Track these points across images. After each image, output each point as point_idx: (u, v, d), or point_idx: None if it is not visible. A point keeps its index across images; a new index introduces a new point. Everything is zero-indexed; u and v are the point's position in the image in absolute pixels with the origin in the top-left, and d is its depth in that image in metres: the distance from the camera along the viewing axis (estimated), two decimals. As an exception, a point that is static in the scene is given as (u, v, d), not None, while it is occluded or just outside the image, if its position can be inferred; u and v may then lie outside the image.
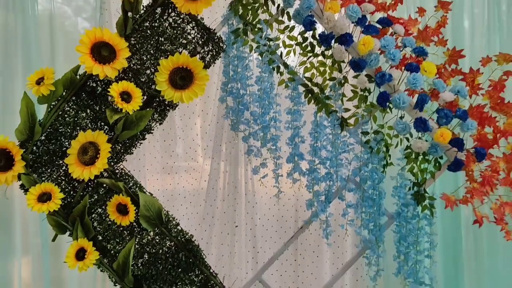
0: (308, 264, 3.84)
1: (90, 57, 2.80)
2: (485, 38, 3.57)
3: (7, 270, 3.76)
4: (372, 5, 2.83)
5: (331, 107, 2.94)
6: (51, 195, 2.83)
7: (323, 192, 3.02)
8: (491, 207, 2.77)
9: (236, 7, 2.98)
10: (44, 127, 2.91)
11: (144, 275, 3.02)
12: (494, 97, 2.82)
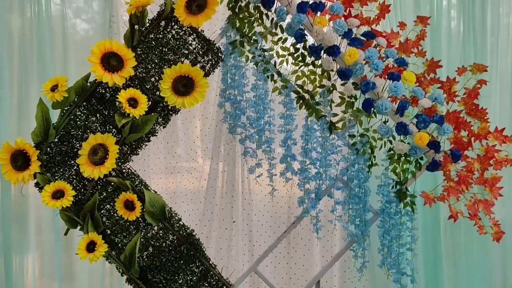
0: (299, 257, 3.84)
1: (100, 67, 2.87)
2: (460, 50, 3.58)
3: (22, 264, 3.75)
4: (357, 20, 2.90)
5: (321, 112, 3.00)
6: (64, 192, 2.90)
7: (314, 190, 3.08)
8: (466, 204, 2.85)
9: (234, 20, 3.04)
10: (58, 130, 2.97)
11: (148, 266, 3.07)
12: (469, 103, 2.89)
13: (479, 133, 2.89)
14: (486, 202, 2.87)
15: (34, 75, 3.49)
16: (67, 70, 3.39)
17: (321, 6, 2.86)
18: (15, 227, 3.66)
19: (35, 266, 3.74)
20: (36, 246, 3.71)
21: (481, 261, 3.66)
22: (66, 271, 3.78)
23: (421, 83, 2.94)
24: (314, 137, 3.06)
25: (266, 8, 2.95)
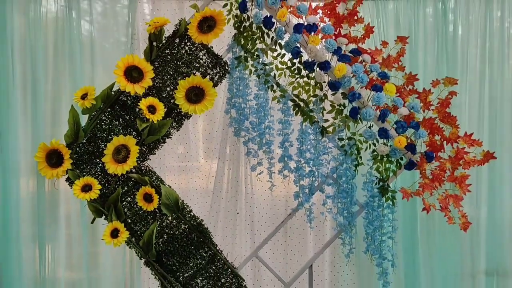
0: (295, 244, 3.86)
1: (124, 78, 2.99)
2: (435, 65, 3.60)
3: (54, 252, 3.71)
4: (345, 39, 3.00)
5: (314, 118, 3.09)
6: (92, 186, 3.02)
7: (307, 186, 3.16)
8: (438, 198, 2.94)
9: (239, 38, 3.13)
10: (86, 132, 3.08)
11: (163, 251, 3.16)
12: (442, 111, 2.99)
13: (450, 137, 2.98)
14: (456, 197, 2.95)
15: (66, 85, 3.54)
16: (94, 80, 3.48)
17: (314, 27, 2.95)
18: (48, 219, 3.67)
19: (65, 253, 3.74)
20: (66, 236, 3.73)
21: (453, 248, 3.67)
22: (91, 260, 3.78)
23: (401, 93, 3.02)
24: (308, 140, 3.14)
25: (267, 28, 3.03)
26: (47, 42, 3.48)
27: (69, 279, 3.69)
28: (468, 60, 3.58)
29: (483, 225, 3.62)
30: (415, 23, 3.56)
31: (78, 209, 3.66)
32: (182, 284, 3.23)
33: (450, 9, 3.53)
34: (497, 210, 3.62)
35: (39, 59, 3.47)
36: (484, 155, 3.01)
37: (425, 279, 3.64)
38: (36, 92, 3.50)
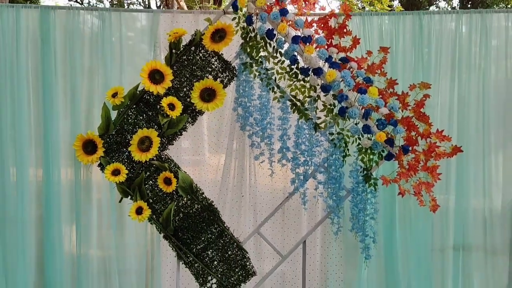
0: (291, 223, 3.87)
1: (148, 80, 3.12)
2: (412, 72, 3.61)
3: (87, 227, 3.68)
4: (335, 49, 3.07)
5: (308, 115, 3.17)
6: (120, 171, 3.14)
7: (302, 173, 3.22)
8: (412, 185, 3.02)
9: (245, 47, 3.20)
10: (115, 125, 3.19)
11: (179, 226, 3.26)
12: (417, 111, 3.05)
13: (424, 133, 3.05)
14: (428, 184, 3.04)
15: (99, 86, 3.59)
16: (122, 81, 3.56)
17: (309, 39, 3.04)
18: (82, 204, 3.68)
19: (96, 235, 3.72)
20: (97, 219, 3.73)
21: (425, 227, 3.67)
22: (118, 240, 3.73)
23: (382, 95, 3.07)
24: (303, 134, 3.20)
25: (269, 39, 3.12)
26: (83, 50, 3.54)
27: (100, 256, 3.69)
28: (440, 68, 3.59)
29: (451, 208, 3.65)
30: (396, 35, 3.59)
31: (108, 196, 3.71)
32: (195, 255, 3.29)
33: (425, 24, 3.55)
34: (463, 195, 3.64)
35: (76, 64, 3.52)
36: (452, 149, 3.08)
37: (401, 253, 3.67)
38: (74, 91, 3.55)
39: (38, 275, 3.53)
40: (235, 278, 3.33)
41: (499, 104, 3.57)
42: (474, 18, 3.49)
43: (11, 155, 3.49)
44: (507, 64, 3.54)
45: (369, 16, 3.58)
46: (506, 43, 3.52)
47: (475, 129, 3.56)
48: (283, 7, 3.09)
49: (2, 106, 3.45)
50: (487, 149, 3.59)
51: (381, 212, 3.42)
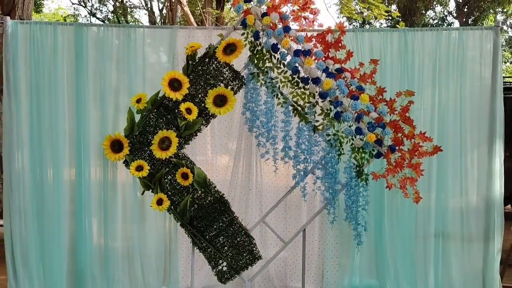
0: (292, 213, 3.80)
1: (168, 87, 3.18)
2: (399, 81, 3.60)
3: (114, 226, 3.64)
4: (332, 61, 3.12)
5: (308, 119, 3.21)
6: (143, 167, 3.21)
7: (302, 170, 3.25)
8: (399, 179, 3.07)
9: (253, 59, 3.25)
10: (139, 127, 3.25)
11: (194, 216, 3.31)
12: (403, 115, 3.10)
13: (409, 135, 3.10)
14: (412, 178, 3.08)
15: (125, 93, 3.58)
16: (145, 89, 3.54)
17: (309, 52, 3.10)
18: (109, 200, 3.63)
19: (121, 227, 3.67)
20: (122, 214, 3.68)
21: (410, 217, 3.64)
22: (140, 232, 3.68)
23: (373, 101, 3.12)
24: (303, 135, 3.24)
25: (274, 52, 3.18)
26: (111, 61, 3.55)
27: (124, 243, 3.66)
28: (423, 78, 3.61)
29: (432, 200, 3.63)
30: (384, 49, 3.61)
31: (132, 193, 3.67)
32: (208, 241, 3.34)
33: (410, 40, 3.57)
34: (443, 189, 3.62)
35: (106, 73, 3.54)
36: (433, 148, 3.12)
37: (389, 240, 3.67)
38: (103, 98, 3.57)
39: (70, 260, 3.54)
40: (243, 261, 3.37)
41: (474, 110, 3.58)
42: (452, 35, 3.52)
43: (49, 157, 3.50)
44: (480, 75, 3.56)
45: (361, 32, 3.62)
46: (480, 57, 3.53)
47: (453, 131, 3.57)
48: (286, 25, 3.15)
49: (41, 113, 3.47)
50: (464, 149, 3.60)
51: (371, 203, 3.45)
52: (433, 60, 3.54)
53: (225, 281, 3.39)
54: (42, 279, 3.41)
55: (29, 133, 3.44)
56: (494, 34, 3.42)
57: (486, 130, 3.51)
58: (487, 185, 3.50)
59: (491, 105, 3.47)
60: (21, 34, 3.34)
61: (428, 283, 3.56)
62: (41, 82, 3.43)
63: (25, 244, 3.39)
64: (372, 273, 3.68)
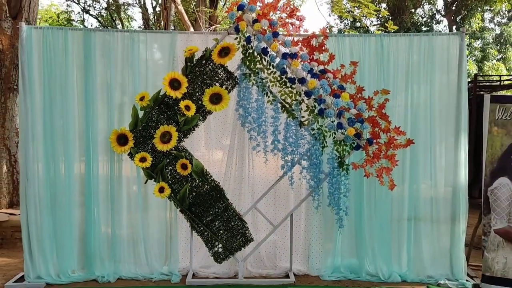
0: (281, 200, 3.74)
1: (168, 86, 3.20)
2: (376, 81, 3.53)
3: (121, 216, 3.56)
4: (316, 63, 3.16)
5: (295, 115, 3.25)
6: (146, 158, 3.23)
7: (290, 160, 3.29)
8: (375, 169, 3.15)
9: (245, 60, 3.27)
10: (142, 122, 3.27)
11: (192, 203, 3.33)
12: (380, 112, 3.16)
13: (385, 129, 3.17)
14: (387, 168, 3.16)
15: (129, 92, 3.51)
16: (147, 87, 3.48)
17: (295, 55, 3.13)
18: (115, 193, 3.55)
19: (126, 217, 3.60)
20: (127, 206, 3.62)
21: (386, 203, 3.59)
22: (144, 221, 3.60)
23: (353, 99, 3.18)
24: (291, 130, 3.29)
25: (264, 55, 3.21)
26: (117, 63, 3.50)
27: (129, 229, 3.62)
28: (397, 78, 3.59)
29: (406, 187, 3.61)
30: (363, 52, 3.59)
31: (136, 186, 3.61)
32: (205, 225, 3.36)
33: (386, 44, 3.56)
34: (415, 177, 3.59)
35: (111, 73, 3.49)
36: (406, 141, 3.19)
37: (367, 223, 3.66)
38: (110, 97, 3.51)
39: (80, 244, 3.53)
40: (236, 243, 3.41)
41: (442, 107, 3.59)
42: (423, 40, 3.53)
43: (61, 152, 3.47)
44: (448, 76, 3.56)
45: (342, 37, 3.63)
46: (447, 59, 3.53)
47: (424, 126, 3.58)
48: (275, 30, 3.19)
49: (54, 110, 3.44)
50: (433, 142, 3.61)
51: (352, 191, 3.48)
52: (406, 62, 3.55)
53: (221, 261, 3.42)
54: (55, 260, 3.40)
55: (43, 129, 3.42)
56: (459, 39, 3.43)
57: (453, 125, 3.51)
58: (454, 174, 3.51)
59: (457, 102, 3.48)
60: (34, 38, 3.31)
61: (402, 261, 3.58)
62: (53, 82, 3.40)
63: (40, 229, 3.37)
64: (352, 253, 3.68)
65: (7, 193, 4.88)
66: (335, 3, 9.46)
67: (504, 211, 3.16)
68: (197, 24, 9.66)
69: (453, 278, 3.42)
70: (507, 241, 3.16)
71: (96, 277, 3.41)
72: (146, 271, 3.49)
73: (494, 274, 3.18)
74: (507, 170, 3.20)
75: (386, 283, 3.42)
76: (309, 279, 3.51)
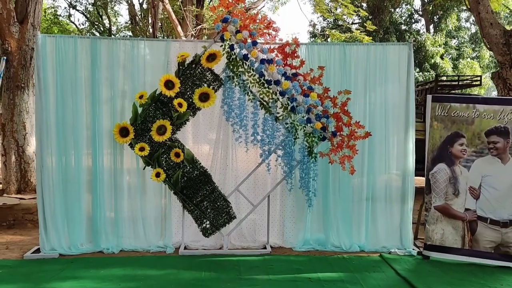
0: (260, 183, 3.80)
1: (164, 86, 3.34)
2: (339, 83, 3.62)
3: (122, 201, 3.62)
4: (289, 67, 3.34)
5: (271, 111, 3.40)
6: (144, 148, 3.37)
7: (267, 150, 3.44)
8: (339, 157, 3.35)
9: (229, 65, 3.41)
10: (141, 117, 3.40)
11: (184, 186, 3.46)
12: (342, 109, 3.36)
13: (347, 123, 3.36)
14: (349, 156, 3.37)
15: (130, 90, 3.60)
16: (145, 87, 3.55)
17: (271, 61, 3.32)
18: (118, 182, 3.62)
19: (127, 203, 3.69)
20: (127, 192, 3.70)
21: (348, 185, 3.68)
22: (142, 206, 3.69)
23: (320, 98, 3.37)
24: (268, 124, 3.43)
25: (245, 60, 3.37)
26: (119, 67, 3.60)
27: (130, 211, 3.70)
28: (358, 80, 3.70)
29: (364, 172, 3.71)
30: (329, 58, 3.71)
31: (135, 176, 3.67)
32: (195, 205, 3.49)
33: (348, 51, 3.70)
34: (372, 164, 3.70)
35: (114, 76, 3.60)
36: (365, 134, 3.40)
37: (332, 203, 3.73)
38: (113, 96, 3.60)
39: (88, 223, 3.63)
40: (222, 220, 3.54)
41: (394, 105, 3.73)
42: (378, 49, 3.70)
43: (71, 146, 3.55)
44: (399, 80, 3.71)
45: (311, 45, 3.79)
46: (398, 65, 3.68)
47: (380, 121, 3.73)
48: (254, 40, 3.37)
49: (66, 111, 3.52)
50: (387, 135, 3.74)
51: (319, 175, 3.59)
52: (365, 67, 3.71)
53: (208, 236, 3.56)
54: (66, 235, 3.55)
55: (56, 124, 3.51)
56: (408, 49, 3.64)
57: (403, 121, 3.70)
58: (403, 162, 3.70)
59: (406, 102, 3.68)
60: (48, 45, 3.42)
61: (361, 235, 3.75)
62: (64, 83, 3.50)
63: (53, 209, 3.49)
64: (320, 229, 3.82)
65: (15, 181, 4.95)
66: (317, 3, 9.34)
67: (442, 191, 3.47)
68: (184, 22, 9.44)
69: (402, 248, 3.66)
70: (444, 216, 3.46)
71: (101, 249, 3.56)
72: (145, 245, 3.63)
73: (433, 243, 3.49)
74: (445, 157, 3.48)
75: (347, 252, 3.64)
76: (283, 250, 3.69)
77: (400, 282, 3.01)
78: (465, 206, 3.42)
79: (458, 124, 3.45)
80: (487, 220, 3.36)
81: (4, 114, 4.95)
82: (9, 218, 4.32)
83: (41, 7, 5.20)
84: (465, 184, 3.42)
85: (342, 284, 2.92)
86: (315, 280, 2.99)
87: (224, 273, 3.09)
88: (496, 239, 3.35)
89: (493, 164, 3.38)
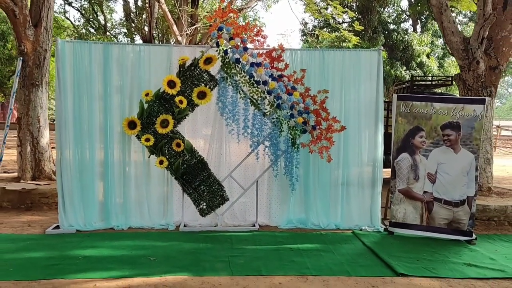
0: (250, 170, 3.92)
1: (166, 85, 3.51)
2: (319, 83, 3.76)
3: (129, 189, 3.76)
4: (275, 70, 3.51)
5: (260, 108, 3.57)
6: (150, 139, 3.53)
7: (256, 141, 3.61)
8: (318, 148, 3.55)
9: (223, 67, 3.57)
10: (146, 112, 3.55)
11: (184, 172, 3.61)
12: (321, 106, 3.57)
13: (325, 118, 3.58)
14: (327, 147, 3.58)
15: (137, 89, 3.72)
16: (150, 86, 3.65)
17: (260, 64, 3.49)
18: (126, 172, 3.76)
19: (134, 192, 3.82)
20: (134, 181, 3.82)
21: (327, 172, 3.84)
22: (147, 193, 3.82)
23: (302, 96, 3.56)
24: (257, 119, 3.61)
25: (237, 63, 3.54)
26: (128, 69, 3.73)
27: (136, 195, 3.82)
28: (335, 81, 3.84)
29: (340, 161, 3.88)
30: (310, 61, 3.84)
31: (141, 168, 3.79)
32: (193, 189, 3.66)
33: (327, 56, 3.84)
34: (347, 154, 3.88)
35: (123, 77, 3.73)
36: (341, 127, 3.63)
37: (312, 188, 3.88)
38: (123, 95, 3.74)
39: (100, 204, 3.80)
40: (216, 202, 3.73)
41: (366, 103, 3.89)
42: (352, 54, 3.88)
43: (87, 141, 3.69)
44: (370, 81, 3.88)
45: (295, 51, 3.93)
46: (370, 69, 3.85)
47: (353, 117, 3.90)
48: (245, 46, 3.56)
49: (82, 109, 3.65)
50: (360, 129, 3.91)
51: (301, 163, 3.77)
52: (341, 70, 3.88)
53: (205, 215, 3.75)
54: (82, 214, 3.73)
55: (73, 120, 3.64)
56: (378, 54, 3.84)
57: (373, 117, 3.90)
58: (374, 152, 3.91)
59: (376, 101, 3.88)
60: (67, 50, 3.57)
61: (337, 215, 3.96)
62: (81, 83, 3.63)
63: (71, 192, 3.66)
64: (301, 210, 3.99)
65: (30, 169, 5.09)
66: (308, 3, 9.24)
67: (405, 176, 3.75)
68: (179, 21, 9.35)
69: (372, 226, 3.91)
70: (406, 197, 3.74)
71: (112, 226, 3.76)
72: (149, 223, 3.83)
73: (397, 220, 3.78)
74: (407, 148, 3.74)
75: (325, 230, 3.87)
76: (270, 228, 3.91)
77: (366, 251, 3.30)
78: (423, 189, 3.70)
79: (419, 120, 3.71)
80: (442, 201, 3.65)
81: (20, 109, 5.08)
82: (27, 201, 4.49)
83: (52, 11, 5.29)
84: (424, 171, 3.69)
85: (318, 252, 3.20)
86: (295, 250, 3.27)
87: (219, 244, 3.35)
88: (448, 217, 3.65)
89: (447, 153, 3.65)
